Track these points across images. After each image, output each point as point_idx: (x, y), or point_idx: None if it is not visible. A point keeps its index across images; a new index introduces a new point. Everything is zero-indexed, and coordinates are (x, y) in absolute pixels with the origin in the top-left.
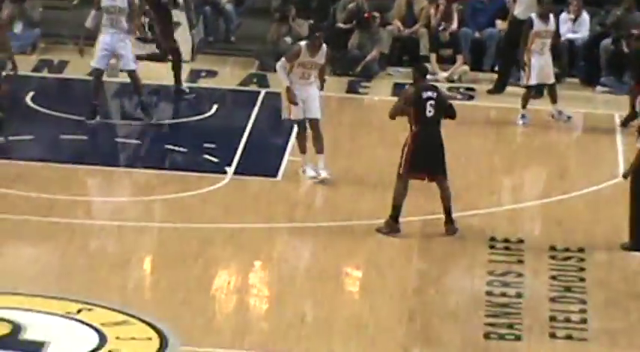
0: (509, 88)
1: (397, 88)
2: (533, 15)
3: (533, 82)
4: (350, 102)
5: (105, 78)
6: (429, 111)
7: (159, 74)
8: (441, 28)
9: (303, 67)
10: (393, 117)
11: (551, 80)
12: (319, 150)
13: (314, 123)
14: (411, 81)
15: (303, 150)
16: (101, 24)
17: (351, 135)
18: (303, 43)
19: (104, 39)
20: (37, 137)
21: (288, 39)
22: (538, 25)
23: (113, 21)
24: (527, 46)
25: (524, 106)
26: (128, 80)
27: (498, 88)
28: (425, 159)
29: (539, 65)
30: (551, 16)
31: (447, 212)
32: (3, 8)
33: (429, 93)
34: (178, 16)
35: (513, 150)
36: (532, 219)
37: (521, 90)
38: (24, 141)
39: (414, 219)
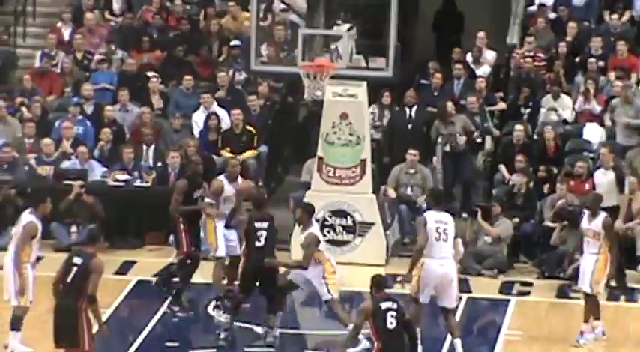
0: None
1: (611, 295)
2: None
3: None
4: (560, 307)
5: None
6: (390, 323)
7: (350, 279)
8: None
9: None
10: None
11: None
12: None
13: None
14: None
15: None
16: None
17: (562, 347)
18: None
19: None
20: (220, 350)
21: (488, 238)
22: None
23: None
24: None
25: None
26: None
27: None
28: None
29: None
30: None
31: None
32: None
33: (389, 304)
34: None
35: None
36: None
37: None
38: None
39: None
